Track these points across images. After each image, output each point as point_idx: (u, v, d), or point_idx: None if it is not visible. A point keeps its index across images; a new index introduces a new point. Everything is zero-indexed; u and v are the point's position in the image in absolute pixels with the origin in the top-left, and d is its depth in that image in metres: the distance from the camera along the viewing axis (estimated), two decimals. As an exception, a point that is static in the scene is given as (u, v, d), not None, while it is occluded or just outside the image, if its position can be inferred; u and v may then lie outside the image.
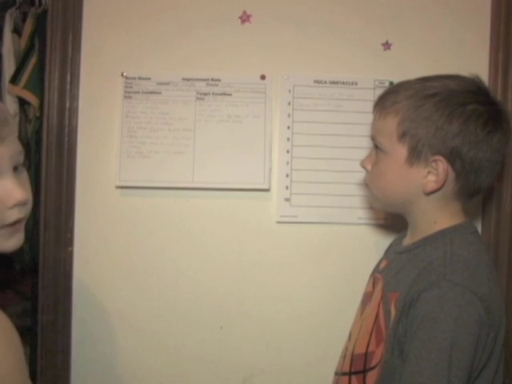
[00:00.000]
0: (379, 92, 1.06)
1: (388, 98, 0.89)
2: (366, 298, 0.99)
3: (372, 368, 0.88)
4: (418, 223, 0.92)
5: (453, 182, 0.86)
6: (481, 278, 0.81)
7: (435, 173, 0.85)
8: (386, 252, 1.06)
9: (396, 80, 1.15)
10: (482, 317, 0.78)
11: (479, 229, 1.20)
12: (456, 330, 0.77)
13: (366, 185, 0.99)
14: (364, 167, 0.96)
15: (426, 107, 0.84)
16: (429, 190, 0.86)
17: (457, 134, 0.83)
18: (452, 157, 0.84)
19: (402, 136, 0.86)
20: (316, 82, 1.18)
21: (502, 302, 0.84)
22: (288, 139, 1.18)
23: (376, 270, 1.01)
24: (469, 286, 0.79)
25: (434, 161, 0.85)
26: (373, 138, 0.93)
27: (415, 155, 0.85)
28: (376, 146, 0.92)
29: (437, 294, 0.79)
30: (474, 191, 0.89)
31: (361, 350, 0.91)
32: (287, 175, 1.18)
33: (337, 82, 1.18)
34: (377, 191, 0.94)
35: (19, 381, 0.64)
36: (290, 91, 1.18)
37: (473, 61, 1.18)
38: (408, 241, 0.94)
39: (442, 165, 0.84)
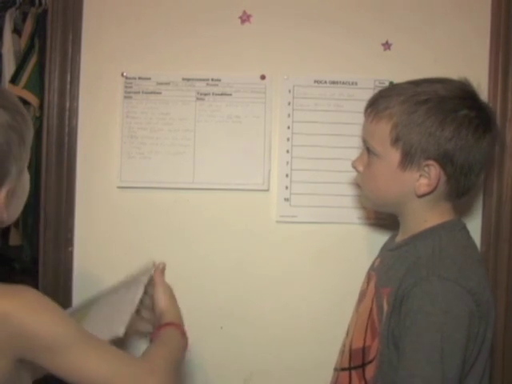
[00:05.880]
0: (379, 92, 1.06)
1: (380, 103, 0.90)
2: (361, 295, 1.01)
3: (370, 362, 0.90)
4: (408, 222, 0.94)
5: (444, 184, 0.88)
6: (469, 272, 0.84)
7: (427, 176, 0.87)
8: (381, 250, 1.07)
9: (396, 80, 1.16)
10: (472, 310, 0.81)
11: (479, 228, 1.20)
12: (447, 322, 0.79)
13: (357, 185, 1.01)
14: (355, 168, 0.98)
15: (419, 113, 0.86)
16: (421, 193, 0.89)
17: (449, 139, 0.85)
18: (444, 161, 0.86)
19: (396, 141, 0.88)
20: (316, 82, 1.18)
21: (490, 296, 0.87)
22: (288, 139, 1.18)
23: (371, 268, 1.03)
24: (457, 281, 0.81)
25: (427, 165, 0.87)
26: (364, 141, 0.95)
27: (408, 160, 0.87)
28: (368, 149, 0.94)
29: (427, 288, 0.81)
30: (464, 192, 0.92)
31: (358, 344, 0.93)
32: (287, 175, 1.18)
33: (337, 82, 1.18)
34: (369, 192, 0.97)
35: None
36: (290, 91, 1.18)
37: (473, 61, 1.18)
38: (399, 238, 0.97)
39: (434, 169, 0.87)
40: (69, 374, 0.73)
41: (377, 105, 0.91)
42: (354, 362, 0.93)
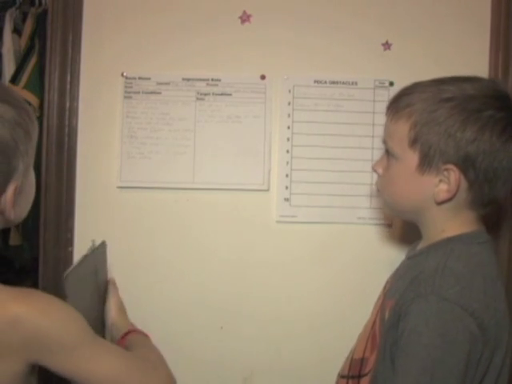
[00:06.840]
0: (379, 92, 1.06)
1: (402, 100, 0.85)
2: (375, 303, 0.97)
3: (365, 374, 0.86)
4: (427, 231, 0.89)
5: (465, 191, 0.82)
6: (475, 292, 0.77)
7: (447, 182, 0.81)
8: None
9: (396, 80, 1.16)
10: (473, 334, 0.74)
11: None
12: (441, 346, 0.74)
13: (378, 190, 0.96)
14: (375, 171, 0.93)
15: (440, 112, 0.80)
16: (440, 200, 0.82)
17: (471, 141, 0.78)
18: (465, 166, 0.80)
19: (414, 142, 0.82)
20: (316, 82, 1.18)
21: (504, 319, 0.80)
22: (288, 139, 1.18)
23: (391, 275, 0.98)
24: (458, 302, 0.75)
25: (446, 170, 0.81)
26: (384, 142, 0.90)
27: (426, 163, 0.81)
28: (387, 151, 0.89)
29: (423, 307, 0.76)
30: (489, 201, 0.84)
31: (359, 355, 0.90)
32: (287, 175, 1.18)
33: (337, 82, 1.18)
34: (387, 197, 0.92)
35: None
36: (289, 91, 1.18)
37: (473, 61, 1.18)
38: (419, 247, 0.91)
39: (453, 174, 0.80)
40: (80, 375, 0.73)
41: (398, 102, 0.85)
42: (352, 372, 0.90)
